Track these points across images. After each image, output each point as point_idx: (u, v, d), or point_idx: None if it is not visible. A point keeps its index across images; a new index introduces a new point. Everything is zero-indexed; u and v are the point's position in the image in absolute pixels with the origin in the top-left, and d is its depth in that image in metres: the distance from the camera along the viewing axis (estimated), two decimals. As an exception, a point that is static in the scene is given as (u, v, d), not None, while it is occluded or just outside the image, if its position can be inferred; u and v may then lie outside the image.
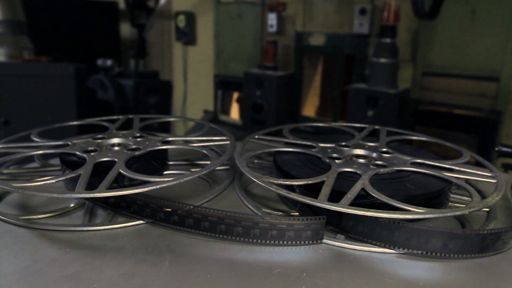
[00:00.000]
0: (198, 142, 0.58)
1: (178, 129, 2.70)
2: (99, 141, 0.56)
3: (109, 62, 1.92)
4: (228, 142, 0.56)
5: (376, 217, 0.37)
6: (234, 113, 2.47)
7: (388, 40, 1.58)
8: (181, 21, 2.58)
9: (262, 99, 1.98)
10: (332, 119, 1.99)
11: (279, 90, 1.97)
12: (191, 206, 0.40)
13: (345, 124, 0.68)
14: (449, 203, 0.49)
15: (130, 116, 0.70)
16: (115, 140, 0.57)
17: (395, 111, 1.53)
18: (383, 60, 1.58)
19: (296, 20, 2.11)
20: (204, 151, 0.53)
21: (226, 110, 2.49)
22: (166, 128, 2.18)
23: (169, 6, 2.69)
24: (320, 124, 0.70)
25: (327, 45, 1.98)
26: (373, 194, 0.41)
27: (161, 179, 0.42)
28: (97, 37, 2.61)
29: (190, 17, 2.57)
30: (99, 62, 1.94)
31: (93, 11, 2.62)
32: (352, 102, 1.64)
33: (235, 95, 2.45)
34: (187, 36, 2.59)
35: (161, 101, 2.04)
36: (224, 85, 2.44)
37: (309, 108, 2.16)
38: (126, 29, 2.79)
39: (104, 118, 0.69)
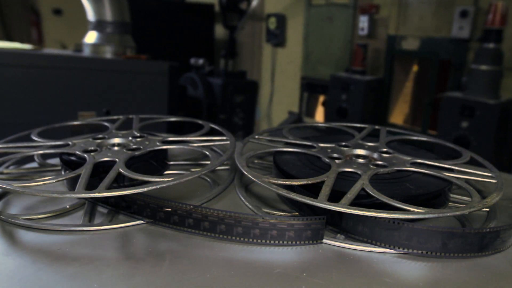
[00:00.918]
0: (198, 142, 0.58)
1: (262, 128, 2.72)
2: (99, 141, 0.56)
3: (200, 61, 1.98)
4: (228, 142, 0.56)
5: (376, 217, 0.37)
6: (319, 116, 2.44)
7: (491, 45, 1.47)
8: (272, 23, 2.60)
9: (348, 103, 1.95)
10: (421, 128, 1.90)
11: (366, 95, 1.92)
12: (191, 206, 0.40)
13: (345, 124, 0.68)
14: (449, 203, 0.49)
15: (130, 116, 0.70)
16: (115, 140, 0.57)
17: (494, 124, 1.42)
18: (484, 67, 1.47)
19: (389, 23, 2.05)
20: (204, 151, 0.53)
21: (311, 113, 2.47)
22: (250, 127, 2.22)
23: (261, 9, 2.73)
24: (320, 124, 0.70)
25: (421, 50, 1.90)
26: (373, 194, 0.41)
27: (161, 179, 0.42)
28: (193, 38, 2.69)
29: (281, 19, 2.58)
30: (192, 61, 2.00)
31: (191, 13, 2.71)
32: (445, 112, 1.55)
33: (321, 98, 2.41)
34: (277, 38, 2.61)
35: (247, 101, 2.05)
36: (310, 88, 2.42)
37: (397, 115, 2.08)
38: (219, 31, 2.83)
39: (104, 118, 0.69)
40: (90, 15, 1.33)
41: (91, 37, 1.34)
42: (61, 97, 1.21)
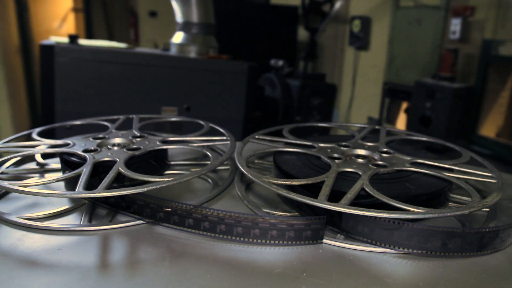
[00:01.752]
0: (198, 142, 0.58)
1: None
2: (99, 141, 0.56)
3: (280, 63, 1.99)
4: (228, 142, 0.56)
5: (376, 217, 0.37)
6: (400, 123, 2.34)
7: None
8: (356, 25, 2.56)
9: (432, 111, 1.86)
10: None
11: (453, 103, 1.80)
12: (191, 206, 0.40)
13: (345, 124, 0.68)
14: (449, 203, 0.49)
15: (130, 116, 0.70)
16: (115, 140, 0.57)
17: None
18: None
19: (485, 26, 1.89)
20: (204, 151, 0.54)
21: (392, 120, 2.39)
22: (326, 131, 2.19)
23: (346, 11, 2.68)
24: (320, 124, 0.70)
25: (521, 56, 1.75)
26: (373, 194, 0.41)
27: (161, 179, 0.42)
28: (276, 39, 2.70)
29: (366, 22, 2.53)
30: (272, 62, 2.01)
31: (275, 15, 2.72)
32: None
33: (404, 105, 2.31)
34: (361, 41, 2.56)
35: (324, 104, 2.03)
36: (392, 93, 2.34)
37: (489, 127, 1.91)
38: (301, 33, 2.81)
39: (104, 118, 0.69)
40: (178, 17, 1.40)
41: (178, 37, 1.41)
42: (148, 92, 1.30)
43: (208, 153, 0.52)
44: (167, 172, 0.58)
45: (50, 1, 4.12)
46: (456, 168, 0.50)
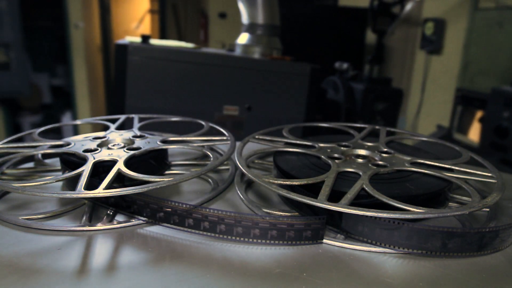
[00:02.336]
0: (198, 142, 0.58)
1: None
2: (99, 141, 0.56)
3: (345, 66, 1.94)
4: (228, 142, 0.56)
5: (376, 217, 0.37)
6: (473, 133, 2.16)
7: None
8: (429, 28, 2.43)
9: (510, 122, 1.73)
10: None
11: None
12: (191, 206, 0.40)
13: (345, 124, 0.68)
14: (449, 203, 0.49)
15: (131, 116, 0.70)
16: (116, 140, 0.57)
17: None
18: None
19: None
20: (204, 151, 0.54)
21: (464, 129, 2.24)
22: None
23: (418, 12, 2.57)
24: (320, 124, 0.70)
25: None
26: (373, 194, 0.41)
27: (161, 179, 0.42)
28: (343, 42, 2.64)
29: (440, 24, 2.40)
30: (337, 64, 1.97)
31: (343, 17, 2.66)
32: None
33: (478, 114, 2.13)
34: (433, 44, 2.43)
35: (389, 109, 1.95)
36: (466, 101, 2.18)
37: None
38: (369, 35, 2.71)
39: (104, 117, 0.69)
40: (244, 18, 1.42)
41: (243, 38, 1.43)
42: (212, 90, 1.34)
43: (208, 153, 0.52)
44: (167, 172, 0.58)
45: (129, 3, 4.48)
46: (456, 168, 0.50)
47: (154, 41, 1.41)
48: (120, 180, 0.47)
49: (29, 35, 3.34)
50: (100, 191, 0.40)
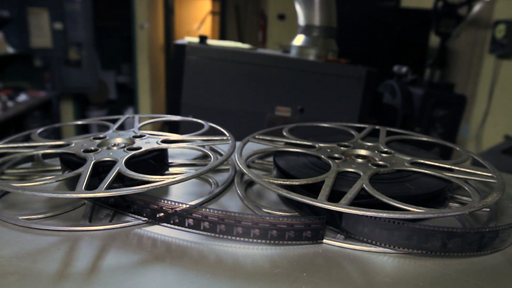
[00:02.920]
0: (198, 142, 0.58)
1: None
2: (99, 141, 0.56)
3: (404, 69, 1.88)
4: (228, 142, 0.56)
5: (376, 217, 0.37)
6: None
7: None
8: (500, 30, 2.25)
9: None
10: None
11: None
12: (191, 206, 0.40)
13: (345, 124, 0.68)
14: (449, 203, 0.49)
15: (131, 116, 0.70)
16: (115, 140, 0.57)
17: None
18: None
19: None
20: (204, 151, 0.54)
21: None
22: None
23: (488, 14, 2.39)
24: (320, 124, 0.70)
25: None
26: (373, 194, 0.41)
27: (161, 179, 0.42)
28: (404, 44, 2.53)
29: None
30: (395, 68, 1.91)
31: (405, 18, 2.55)
32: None
33: None
34: (504, 48, 2.26)
35: (450, 116, 1.85)
36: None
37: None
38: (432, 38, 2.60)
39: (104, 118, 0.69)
40: (301, 20, 1.41)
41: (298, 40, 1.42)
42: (265, 91, 1.34)
43: (208, 153, 0.52)
44: (167, 172, 0.58)
45: (192, 5, 4.72)
46: (456, 168, 0.50)
47: (211, 42, 1.43)
48: (120, 180, 0.47)
49: (99, 35, 3.58)
50: (100, 191, 0.40)
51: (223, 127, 0.61)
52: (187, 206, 0.40)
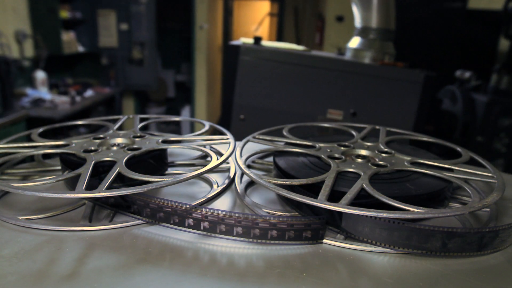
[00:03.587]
0: (198, 142, 0.58)
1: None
2: (99, 141, 0.56)
3: (467, 74, 1.80)
4: (228, 142, 0.56)
5: (376, 217, 0.37)
6: None
7: None
8: None
9: None
10: None
11: None
12: (191, 206, 0.40)
13: (345, 124, 0.68)
14: (449, 203, 0.49)
15: (131, 116, 0.70)
16: (115, 140, 0.57)
17: None
18: None
19: None
20: (204, 151, 0.53)
21: None
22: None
23: None
24: (320, 124, 0.70)
25: None
26: (373, 194, 0.41)
27: (161, 179, 0.42)
28: (470, 48, 2.38)
29: None
30: (458, 73, 1.84)
31: (472, 20, 2.41)
32: None
33: None
34: None
35: None
36: None
37: None
38: (502, 41, 2.41)
39: (104, 118, 0.69)
40: (358, 22, 1.39)
41: (354, 42, 1.39)
42: (317, 93, 1.33)
43: (208, 153, 0.52)
44: (167, 172, 0.58)
45: (251, 7, 4.83)
46: (456, 168, 0.50)
47: (266, 43, 1.43)
48: (120, 180, 0.47)
49: (161, 35, 3.77)
50: (100, 191, 0.40)
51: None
52: (187, 206, 0.40)
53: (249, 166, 0.61)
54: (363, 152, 0.55)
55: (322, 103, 1.33)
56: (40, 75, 2.81)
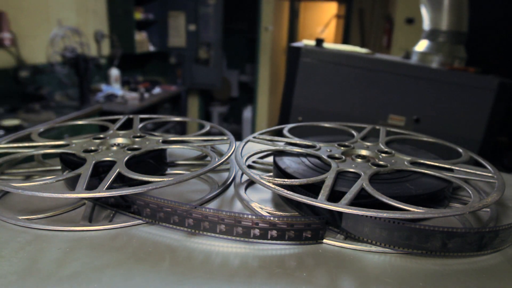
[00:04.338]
0: (198, 142, 0.58)
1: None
2: (99, 141, 0.56)
3: None
4: (228, 142, 0.56)
5: (376, 217, 0.37)
6: None
7: None
8: None
9: None
10: None
11: None
12: (191, 206, 0.40)
13: (345, 124, 0.68)
14: (449, 203, 0.49)
15: (131, 116, 0.70)
16: (115, 140, 0.57)
17: None
18: None
19: None
20: (204, 151, 0.54)
21: None
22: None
23: None
24: (320, 124, 0.70)
25: None
26: (373, 194, 0.41)
27: (161, 179, 0.42)
28: None
29: None
30: None
31: None
32: None
33: None
34: None
35: None
36: None
37: None
38: None
39: (104, 118, 0.69)
40: (426, 24, 1.33)
41: (421, 45, 1.34)
42: (378, 98, 1.28)
43: (208, 153, 0.52)
44: (167, 172, 0.58)
45: (317, 8, 4.77)
46: (456, 168, 0.50)
47: (328, 45, 1.41)
48: (120, 180, 0.47)
49: (227, 36, 3.89)
50: (101, 191, 0.40)
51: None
52: (187, 206, 0.40)
53: (249, 166, 0.61)
54: (363, 152, 0.55)
55: (384, 108, 1.29)
56: (114, 72, 3.02)
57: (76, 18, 2.75)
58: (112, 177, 0.43)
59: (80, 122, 0.71)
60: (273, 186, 0.43)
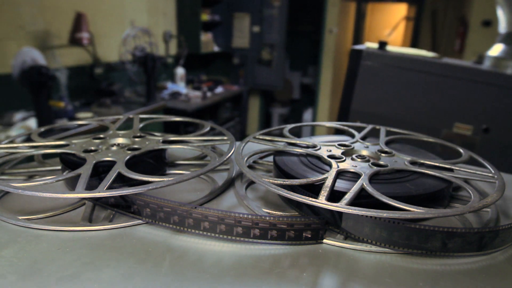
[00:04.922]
0: (198, 142, 0.58)
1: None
2: (99, 141, 0.56)
3: None
4: (228, 142, 0.56)
5: (376, 217, 0.37)
6: None
7: None
8: None
9: None
10: None
11: None
12: (191, 206, 0.40)
13: (345, 124, 0.68)
14: (449, 203, 0.49)
15: (131, 116, 0.70)
16: (115, 140, 0.57)
17: None
18: None
19: None
20: (204, 151, 0.54)
21: None
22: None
23: None
24: (320, 124, 0.70)
25: None
26: (373, 194, 0.41)
27: (161, 179, 0.42)
28: None
29: None
30: None
31: None
32: None
33: None
34: None
35: None
36: None
37: None
38: None
39: (104, 118, 0.69)
40: (502, 27, 1.25)
41: (496, 49, 1.26)
42: (444, 104, 1.22)
43: (208, 153, 0.52)
44: (167, 172, 0.58)
45: (386, 10, 4.65)
46: (456, 168, 0.50)
47: (392, 48, 1.36)
48: (120, 180, 0.47)
49: (290, 37, 3.90)
50: (100, 191, 0.40)
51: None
52: (187, 206, 0.40)
53: (249, 166, 0.61)
54: (363, 152, 0.55)
55: (449, 116, 1.21)
56: (180, 71, 3.16)
57: (147, 19, 2.92)
58: (112, 177, 0.43)
59: (80, 122, 0.71)
60: (273, 186, 0.43)
